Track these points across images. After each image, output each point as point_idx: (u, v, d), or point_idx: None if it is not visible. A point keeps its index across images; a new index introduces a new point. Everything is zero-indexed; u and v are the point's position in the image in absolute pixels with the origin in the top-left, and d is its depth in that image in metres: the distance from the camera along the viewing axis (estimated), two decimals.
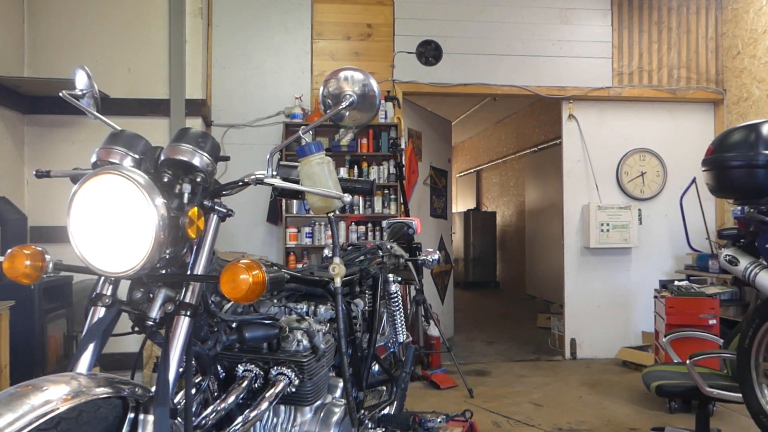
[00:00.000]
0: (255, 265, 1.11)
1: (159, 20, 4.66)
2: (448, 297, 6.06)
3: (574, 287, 5.37)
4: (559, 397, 4.10)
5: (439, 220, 6.03)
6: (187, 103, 4.63)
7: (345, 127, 1.45)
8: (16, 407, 0.84)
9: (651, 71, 5.45)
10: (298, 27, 5.09)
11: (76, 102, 1.30)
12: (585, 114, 5.42)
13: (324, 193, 1.28)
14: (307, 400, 1.46)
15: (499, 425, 3.55)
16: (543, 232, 8.85)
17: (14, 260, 1.15)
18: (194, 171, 1.18)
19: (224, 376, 1.45)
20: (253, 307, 1.46)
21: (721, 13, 5.52)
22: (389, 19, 5.18)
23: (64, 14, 4.59)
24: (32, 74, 4.46)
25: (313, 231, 4.84)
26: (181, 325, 1.13)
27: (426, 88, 5.22)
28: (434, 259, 2.72)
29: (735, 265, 2.90)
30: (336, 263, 1.32)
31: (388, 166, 4.96)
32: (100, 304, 1.16)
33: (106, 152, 1.18)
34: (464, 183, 13.51)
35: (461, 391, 4.19)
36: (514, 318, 7.60)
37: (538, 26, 5.34)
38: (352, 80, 1.35)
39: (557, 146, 6.04)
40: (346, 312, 1.87)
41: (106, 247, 1.08)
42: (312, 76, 5.09)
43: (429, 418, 2.39)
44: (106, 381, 1.00)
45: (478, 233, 10.99)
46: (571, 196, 5.42)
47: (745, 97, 5.18)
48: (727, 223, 5.32)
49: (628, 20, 5.44)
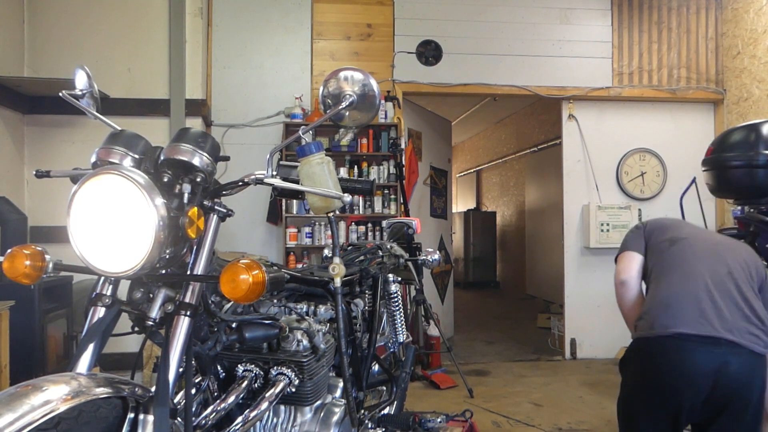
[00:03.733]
0: (255, 265, 1.11)
1: (159, 20, 4.66)
2: (448, 297, 6.05)
3: (574, 287, 5.37)
4: (559, 397, 4.10)
5: (439, 220, 6.03)
6: (187, 103, 4.63)
7: (345, 127, 1.45)
8: (16, 407, 0.84)
9: (651, 71, 5.45)
10: (298, 27, 5.09)
11: (76, 102, 1.30)
12: (585, 114, 5.42)
13: (324, 193, 1.27)
14: (307, 400, 1.46)
15: (499, 425, 3.55)
16: (543, 232, 8.85)
17: (14, 260, 1.15)
18: (194, 171, 1.18)
19: (224, 376, 1.45)
20: (253, 307, 1.46)
21: (721, 13, 5.52)
22: (389, 19, 5.18)
23: (64, 14, 4.59)
24: (32, 74, 4.46)
25: (313, 231, 4.84)
26: (181, 325, 1.13)
27: (426, 88, 5.22)
28: (434, 259, 2.72)
29: None
30: (336, 263, 1.32)
31: (388, 166, 4.96)
32: (100, 304, 1.16)
33: (106, 152, 1.18)
34: (464, 183, 13.51)
35: (461, 391, 4.19)
36: (514, 318, 7.60)
37: (538, 26, 5.34)
38: (352, 80, 1.35)
39: (557, 146, 6.04)
40: (346, 312, 1.87)
41: (106, 247, 1.08)
42: (312, 76, 5.09)
43: (429, 418, 2.39)
44: (106, 381, 1.00)
45: (478, 233, 10.99)
46: (571, 196, 5.42)
47: (745, 97, 5.18)
48: (727, 223, 5.31)
49: (628, 20, 5.44)
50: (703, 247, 2.15)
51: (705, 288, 2.00)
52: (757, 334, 1.94)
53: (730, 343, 1.89)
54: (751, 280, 2.05)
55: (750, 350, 1.90)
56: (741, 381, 1.88)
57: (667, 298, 2.04)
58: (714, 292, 1.99)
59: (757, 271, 2.09)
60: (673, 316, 1.98)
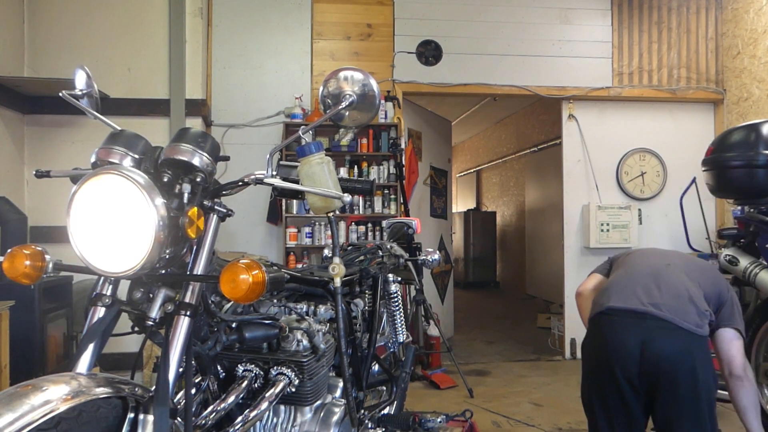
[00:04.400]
0: (255, 265, 1.11)
1: (159, 20, 4.66)
2: (448, 297, 6.05)
3: (574, 287, 5.29)
4: (559, 397, 4.10)
5: (439, 220, 6.03)
6: (187, 103, 4.63)
7: (345, 127, 1.45)
8: (16, 407, 0.85)
9: (651, 71, 5.45)
10: (298, 27, 5.09)
11: (76, 102, 1.30)
12: (585, 114, 5.42)
13: (324, 193, 1.27)
14: (307, 400, 1.46)
15: (499, 425, 3.55)
16: (543, 232, 8.85)
17: (14, 260, 1.15)
18: (194, 171, 1.18)
19: (224, 376, 1.45)
20: (253, 307, 1.46)
21: (721, 13, 5.52)
22: (389, 19, 5.18)
23: (64, 14, 4.59)
24: (32, 74, 4.46)
25: (313, 231, 4.84)
26: (181, 325, 1.13)
27: (426, 88, 5.22)
28: (434, 259, 2.72)
29: (735, 265, 2.91)
30: (336, 263, 1.32)
31: (388, 166, 4.96)
32: (100, 304, 1.16)
33: (106, 152, 1.19)
34: (464, 183, 13.51)
35: (461, 391, 4.19)
36: (514, 318, 7.60)
37: (538, 26, 5.34)
38: (351, 80, 1.35)
39: (557, 146, 6.04)
40: (346, 312, 1.87)
41: (106, 247, 1.08)
42: (312, 76, 5.09)
43: (429, 418, 2.38)
44: (106, 381, 1.00)
45: (478, 233, 10.99)
46: (571, 196, 5.42)
47: (745, 97, 5.18)
48: (727, 223, 5.32)
49: (628, 20, 5.44)
50: (654, 252, 2.37)
51: (641, 273, 2.18)
52: (687, 311, 2.01)
53: (655, 318, 1.99)
54: (699, 282, 2.15)
55: (677, 326, 1.97)
56: (666, 357, 1.96)
57: (608, 284, 2.26)
58: (651, 277, 2.14)
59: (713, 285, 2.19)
60: (608, 295, 2.16)
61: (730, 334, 2.14)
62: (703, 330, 2.01)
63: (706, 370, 1.97)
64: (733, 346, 2.14)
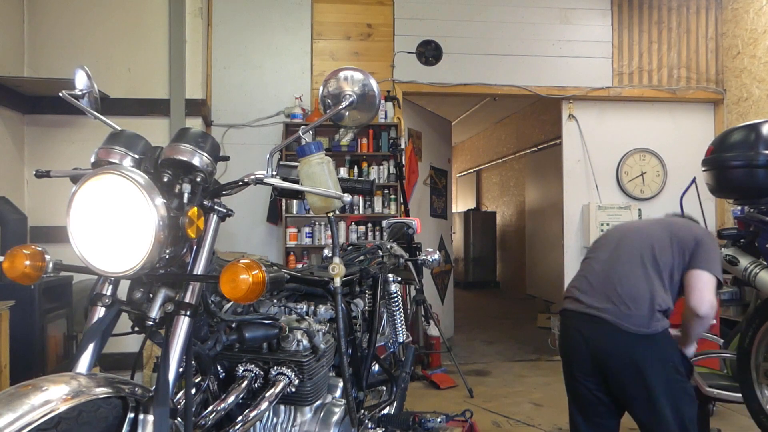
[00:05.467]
0: (255, 265, 1.11)
1: (159, 20, 4.66)
2: (448, 297, 6.05)
3: None
4: (559, 397, 4.08)
5: (439, 220, 6.03)
6: (187, 103, 4.63)
7: (345, 127, 1.45)
8: (16, 407, 0.85)
9: (651, 71, 5.45)
10: (298, 27, 5.09)
11: (76, 102, 1.30)
12: (585, 114, 5.42)
13: (324, 193, 1.27)
14: (307, 400, 1.46)
15: (499, 425, 3.54)
16: (543, 232, 8.85)
17: (14, 260, 1.15)
18: (194, 171, 1.18)
19: (224, 376, 1.45)
20: (253, 307, 1.46)
21: (721, 13, 5.52)
22: (389, 19, 5.18)
23: (64, 14, 4.59)
24: (32, 74, 4.46)
25: (313, 231, 4.84)
26: (180, 325, 1.13)
27: (426, 88, 5.22)
28: (434, 259, 2.72)
29: (735, 264, 2.90)
30: (336, 263, 1.32)
31: (388, 166, 4.96)
32: (100, 304, 1.16)
33: (106, 152, 1.18)
34: (464, 183, 13.51)
35: (461, 391, 4.19)
36: (514, 318, 7.60)
37: (538, 26, 5.34)
38: (351, 80, 1.35)
39: (557, 146, 6.04)
40: (346, 312, 1.87)
41: (106, 247, 1.08)
42: (312, 76, 5.09)
43: (429, 418, 2.38)
44: (106, 381, 1.00)
45: (478, 233, 10.99)
46: (571, 196, 5.42)
47: (745, 97, 5.18)
48: (727, 223, 5.31)
49: (628, 20, 5.44)
50: (623, 238, 2.35)
51: (599, 271, 2.23)
52: (631, 314, 2.07)
53: (601, 320, 2.10)
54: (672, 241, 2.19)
55: (617, 328, 2.06)
56: (609, 355, 2.08)
57: (573, 279, 2.36)
58: (605, 276, 2.20)
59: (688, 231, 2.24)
60: (568, 292, 2.31)
61: (704, 277, 2.13)
62: (651, 329, 2.06)
63: (663, 365, 2.04)
64: (706, 288, 2.13)
